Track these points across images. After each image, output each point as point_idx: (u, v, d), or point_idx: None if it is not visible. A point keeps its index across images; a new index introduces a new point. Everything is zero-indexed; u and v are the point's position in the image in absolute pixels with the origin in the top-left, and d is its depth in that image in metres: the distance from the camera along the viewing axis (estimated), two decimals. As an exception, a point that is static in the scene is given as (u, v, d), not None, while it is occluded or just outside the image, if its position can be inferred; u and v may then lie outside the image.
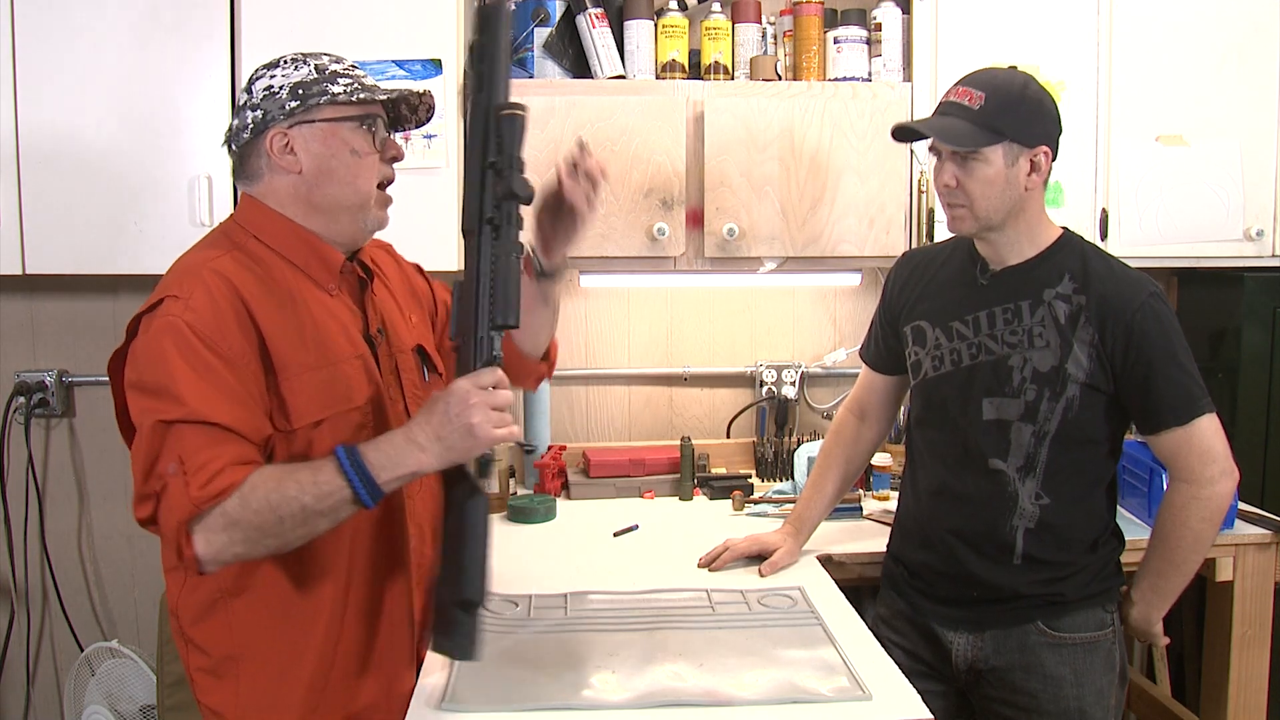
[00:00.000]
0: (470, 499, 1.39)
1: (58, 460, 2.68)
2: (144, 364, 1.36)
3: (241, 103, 1.49)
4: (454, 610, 1.38)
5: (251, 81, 1.49)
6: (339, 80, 1.47)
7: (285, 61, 1.49)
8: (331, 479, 1.32)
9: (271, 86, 1.46)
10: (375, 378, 1.52)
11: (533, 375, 1.79)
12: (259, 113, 1.46)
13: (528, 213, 1.44)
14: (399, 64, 2.23)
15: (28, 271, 2.25)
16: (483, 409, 1.34)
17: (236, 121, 1.49)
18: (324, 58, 1.50)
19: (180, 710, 2.19)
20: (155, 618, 2.21)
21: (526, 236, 1.45)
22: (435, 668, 1.50)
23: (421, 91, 1.56)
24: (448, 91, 2.26)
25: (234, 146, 1.50)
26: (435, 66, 2.25)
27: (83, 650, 2.59)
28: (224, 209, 2.24)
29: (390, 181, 1.55)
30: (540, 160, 2.28)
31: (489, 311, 1.38)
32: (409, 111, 1.57)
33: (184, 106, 2.24)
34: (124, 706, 2.46)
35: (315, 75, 1.47)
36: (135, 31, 2.21)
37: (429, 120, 1.60)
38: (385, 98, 1.50)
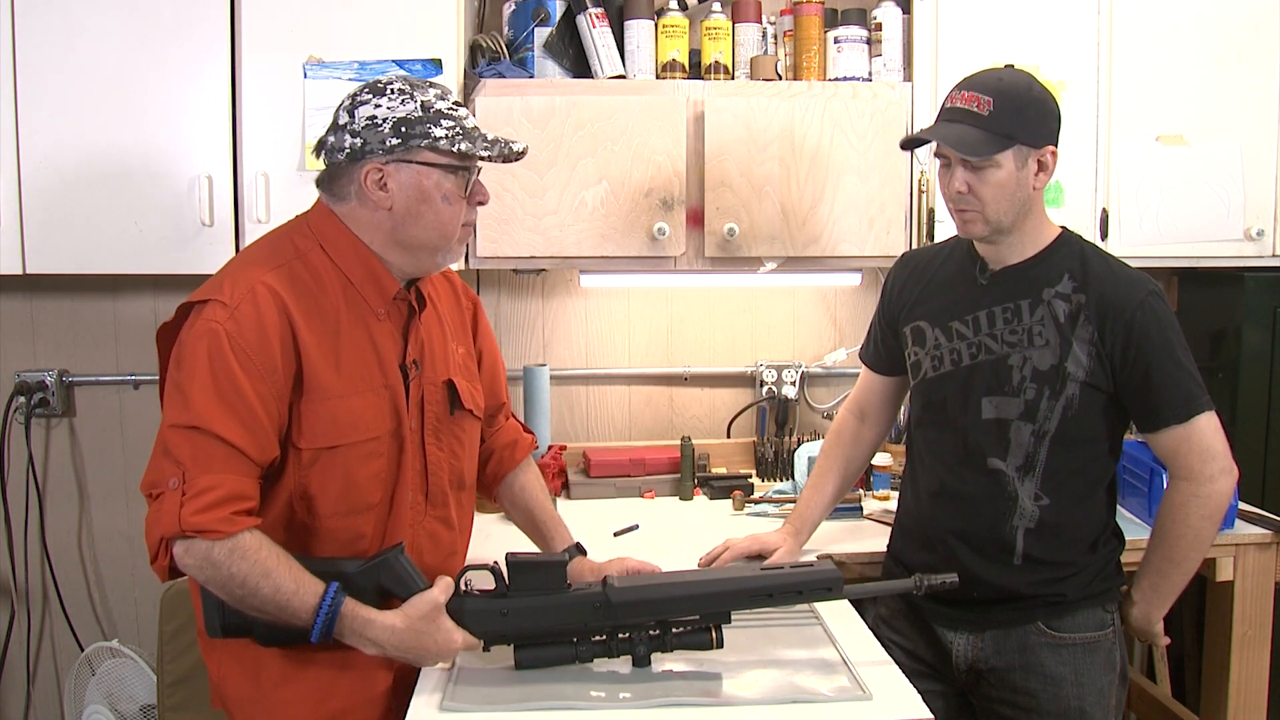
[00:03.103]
0: None
1: (58, 460, 2.68)
2: (181, 360, 1.42)
3: (341, 122, 1.49)
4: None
5: (355, 104, 1.49)
6: (442, 122, 1.48)
7: (392, 91, 1.48)
8: (304, 606, 1.40)
9: (375, 117, 1.46)
10: (400, 409, 1.54)
11: None
12: (358, 140, 1.46)
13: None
14: (399, 64, 2.23)
15: (28, 271, 2.25)
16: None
17: (333, 139, 1.49)
18: (430, 92, 1.50)
19: (180, 710, 2.19)
20: (155, 617, 2.21)
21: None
22: (435, 668, 1.50)
23: (522, 150, 1.55)
24: (448, 91, 2.26)
25: (326, 161, 1.51)
26: (435, 66, 2.25)
27: (83, 650, 2.59)
28: (224, 209, 2.25)
29: (473, 222, 1.57)
30: (540, 160, 2.28)
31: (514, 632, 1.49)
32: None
33: (184, 106, 2.23)
34: (124, 706, 2.46)
35: (420, 113, 1.47)
36: (135, 31, 2.21)
37: (521, 157, 1.58)
38: (484, 154, 1.50)
